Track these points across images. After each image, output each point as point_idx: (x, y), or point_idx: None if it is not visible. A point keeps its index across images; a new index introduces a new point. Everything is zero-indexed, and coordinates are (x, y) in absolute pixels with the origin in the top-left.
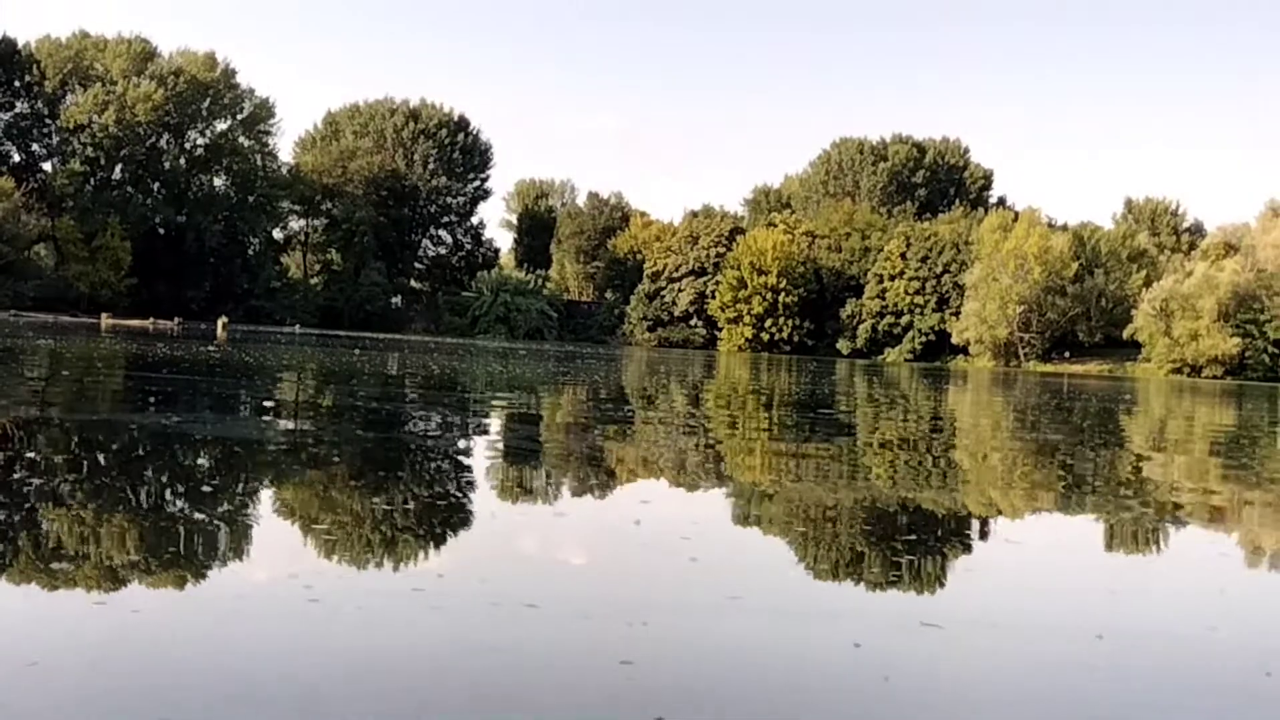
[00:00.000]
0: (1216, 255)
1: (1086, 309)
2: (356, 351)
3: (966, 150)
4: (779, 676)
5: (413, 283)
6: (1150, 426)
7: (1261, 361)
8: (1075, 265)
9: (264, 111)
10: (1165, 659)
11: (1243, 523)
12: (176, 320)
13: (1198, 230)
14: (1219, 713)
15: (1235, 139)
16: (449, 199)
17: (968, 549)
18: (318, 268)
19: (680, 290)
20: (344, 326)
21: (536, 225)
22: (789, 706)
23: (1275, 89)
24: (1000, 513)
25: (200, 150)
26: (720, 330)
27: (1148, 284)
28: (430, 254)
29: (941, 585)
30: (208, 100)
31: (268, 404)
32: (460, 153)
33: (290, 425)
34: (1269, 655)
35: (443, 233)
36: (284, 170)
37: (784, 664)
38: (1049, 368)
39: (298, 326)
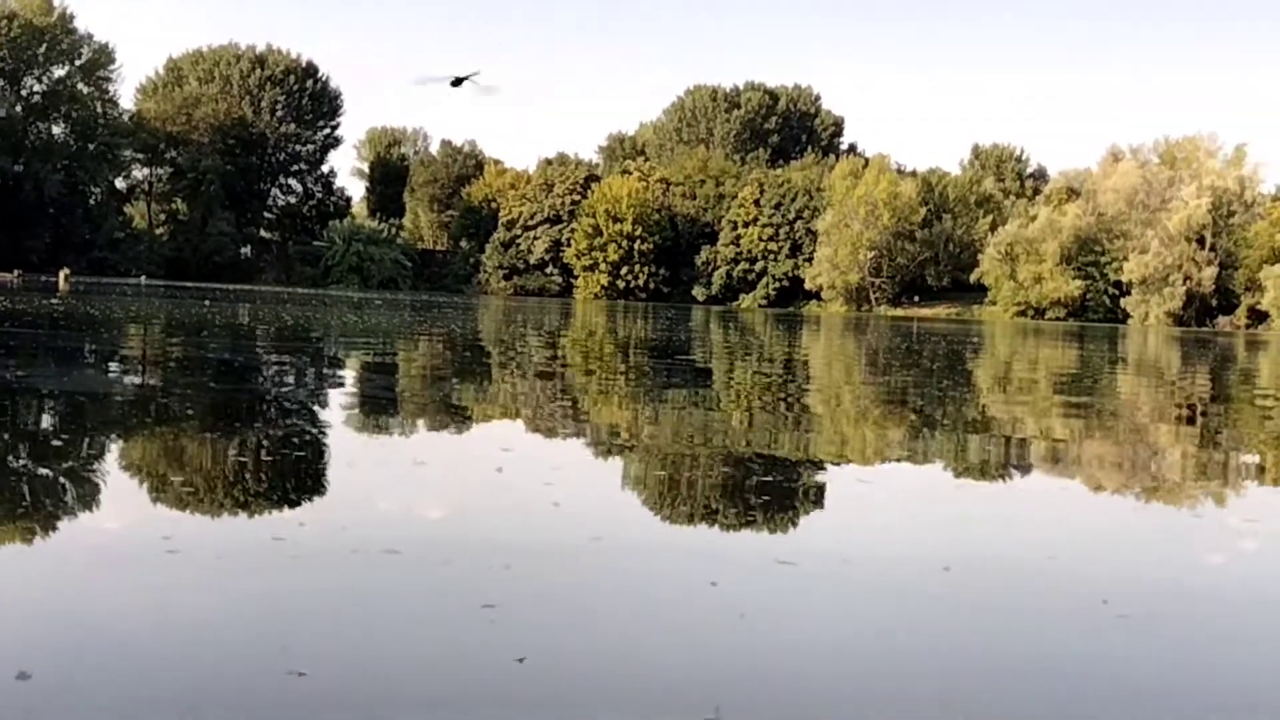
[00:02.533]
0: (1059, 200)
1: (935, 254)
2: (206, 303)
3: (818, 98)
4: (638, 615)
5: (262, 233)
6: (996, 368)
7: (1102, 303)
8: (924, 211)
9: (103, 57)
10: (1008, 588)
11: (1083, 458)
12: (16, 273)
13: (1041, 176)
14: (1058, 638)
15: (1077, 87)
16: (298, 147)
17: (821, 489)
18: (163, 218)
19: (536, 238)
20: (191, 278)
21: (389, 174)
22: (647, 645)
23: (1116, 38)
24: (853, 453)
25: (37, 97)
26: (576, 278)
27: (994, 229)
28: (280, 203)
29: (796, 524)
30: (44, 46)
31: (115, 357)
32: (309, 100)
33: (139, 379)
34: (1106, 583)
35: (293, 181)
36: (126, 118)
37: (643, 603)
38: (899, 312)
39: (143, 278)
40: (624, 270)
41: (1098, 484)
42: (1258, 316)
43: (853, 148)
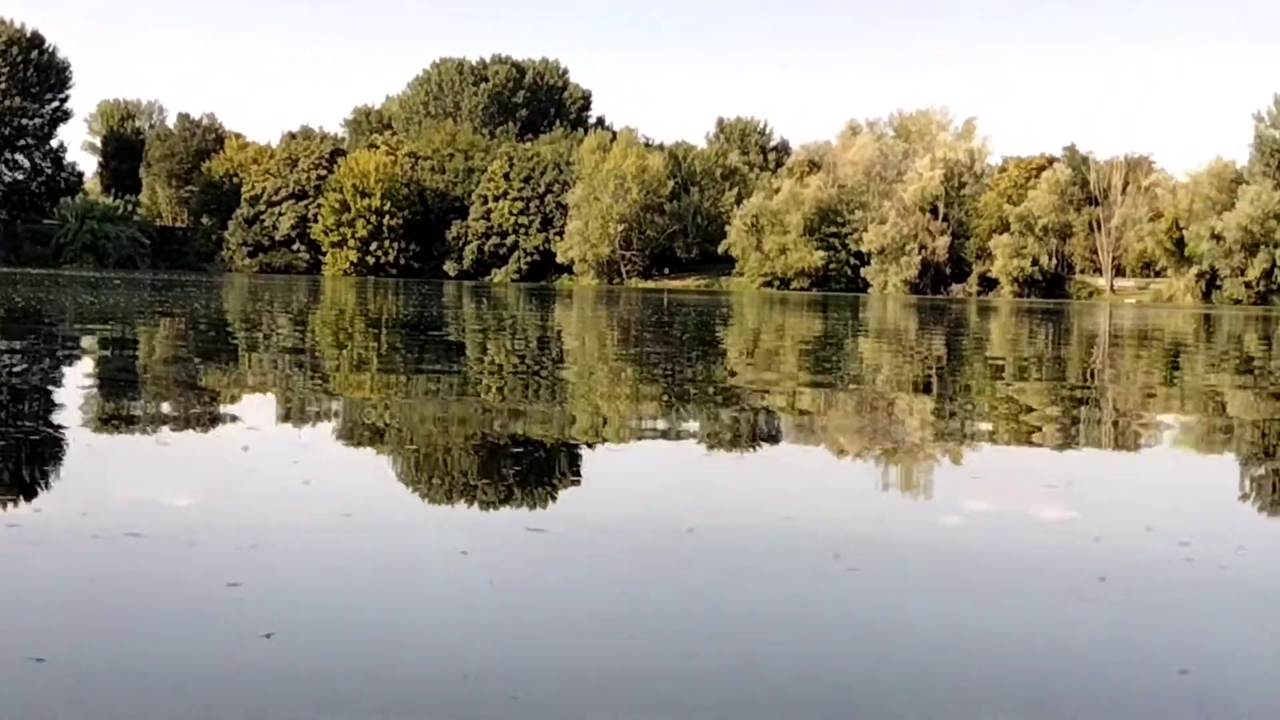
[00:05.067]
0: (801, 173)
1: (684, 226)
2: None
3: (565, 71)
4: (389, 588)
5: None
6: (745, 338)
7: (844, 273)
8: (672, 184)
9: None
10: (747, 548)
11: (825, 424)
12: None
13: (784, 149)
14: (791, 595)
15: (817, 62)
16: (24, 120)
17: (574, 458)
18: None
19: (281, 214)
20: None
21: (123, 148)
22: (398, 617)
23: (853, 13)
24: (605, 423)
25: None
26: (324, 255)
27: (739, 201)
28: (6, 179)
29: (547, 494)
30: None
31: None
32: (35, 71)
33: None
34: (838, 540)
35: (19, 156)
36: None
37: (394, 576)
38: (650, 284)
39: None
40: (373, 246)
41: (839, 448)
42: (988, 283)
43: (601, 121)
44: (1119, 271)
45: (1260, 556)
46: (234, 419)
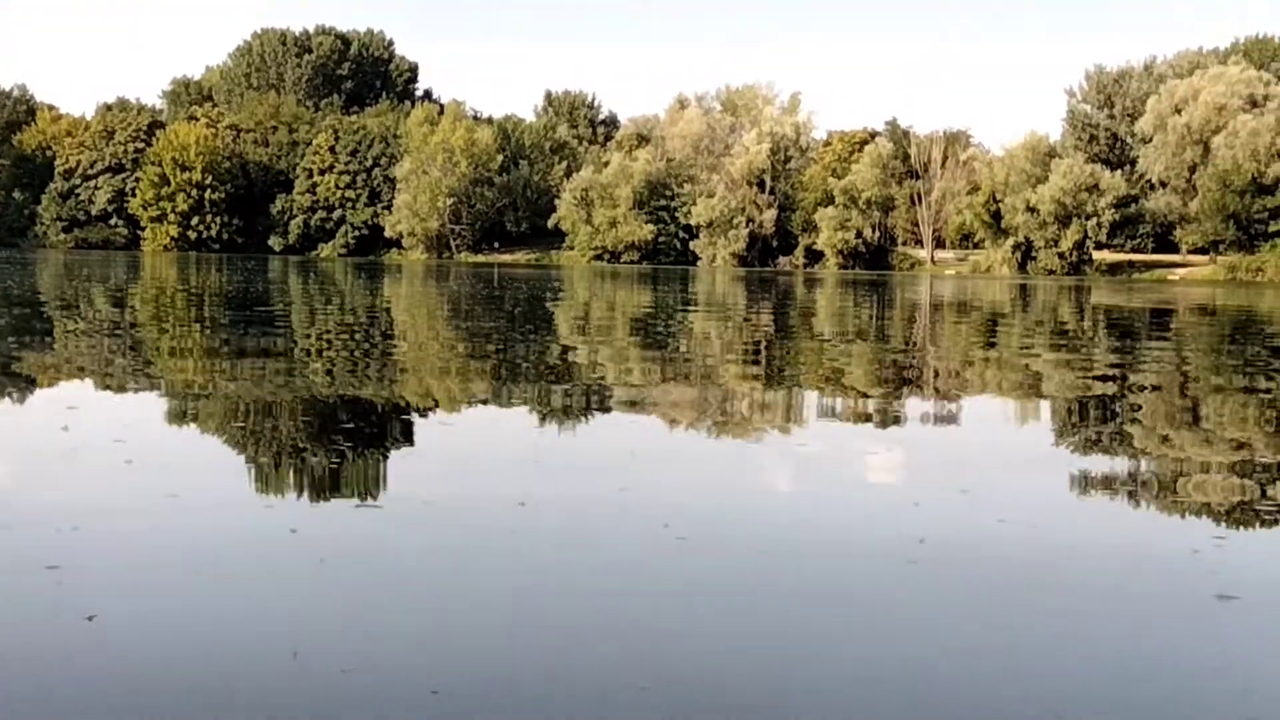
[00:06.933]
0: (630, 146)
1: (514, 200)
2: None
3: (391, 43)
4: (216, 568)
5: None
6: (576, 312)
7: (674, 246)
8: (501, 157)
9: None
10: (580, 520)
11: (657, 397)
12: None
13: (613, 123)
14: (624, 558)
15: (645, 35)
16: None
17: (405, 434)
18: None
19: (97, 188)
20: None
21: None
22: (226, 596)
23: None
24: (436, 399)
25: None
26: (144, 229)
27: (569, 174)
28: None
29: (378, 470)
30: None
31: None
32: None
33: None
34: (670, 510)
35: None
36: None
37: (221, 554)
38: (480, 258)
39: None
40: (195, 221)
41: (670, 421)
42: (814, 256)
43: (428, 94)
44: (939, 243)
45: (1068, 518)
46: (52, 399)
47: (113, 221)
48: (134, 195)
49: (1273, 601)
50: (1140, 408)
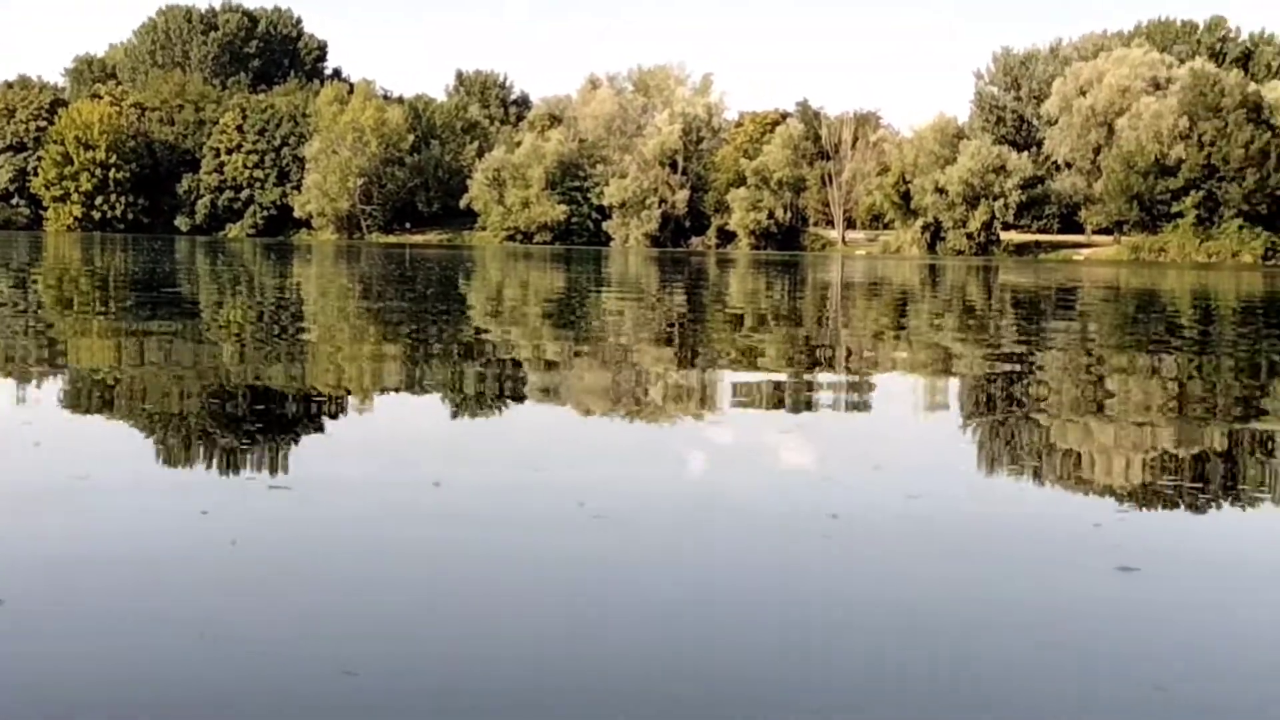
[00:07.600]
0: (543, 126)
1: (425, 180)
2: None
3: (299, 21)
4: (126, 550)
5: None
6: (489, 292)
7: (586, 226)
8: (412, 137)
9: None
10: (493, 503)
11: (570, 377)
12: None
13: (524, 103)
14: (536, 538)
15: (556, 14)
16: None
17: (317, 416)
18: None
19: None
20: None
21: None
22: (135, 578)
23: None
24: (348, 381)
25: None
26: (46, 210)
27: (481, 155)
28: None
29: (290, 452)
30: None
31: None
32: None
33: None
34: (583, 490)
35: None
36: None
37: (133, 539)
38: (391, 239)
39: None
40: (99, 200)
41: (583, 402)
42: (727, 236)
43: (338, 73)
44: (850, 224)
45: (977, 493)
46: None
47: (14, 201)
48: (36, 175)
49: (1171, 572)
50: (1046, 385)
